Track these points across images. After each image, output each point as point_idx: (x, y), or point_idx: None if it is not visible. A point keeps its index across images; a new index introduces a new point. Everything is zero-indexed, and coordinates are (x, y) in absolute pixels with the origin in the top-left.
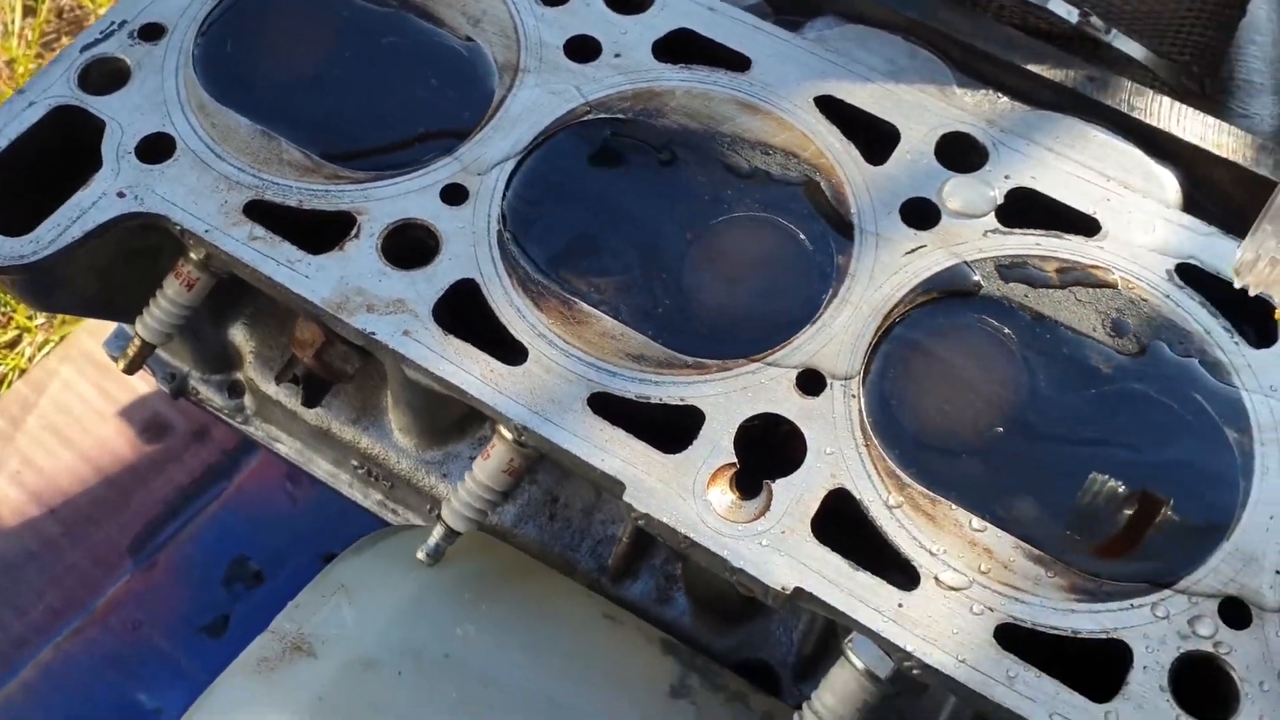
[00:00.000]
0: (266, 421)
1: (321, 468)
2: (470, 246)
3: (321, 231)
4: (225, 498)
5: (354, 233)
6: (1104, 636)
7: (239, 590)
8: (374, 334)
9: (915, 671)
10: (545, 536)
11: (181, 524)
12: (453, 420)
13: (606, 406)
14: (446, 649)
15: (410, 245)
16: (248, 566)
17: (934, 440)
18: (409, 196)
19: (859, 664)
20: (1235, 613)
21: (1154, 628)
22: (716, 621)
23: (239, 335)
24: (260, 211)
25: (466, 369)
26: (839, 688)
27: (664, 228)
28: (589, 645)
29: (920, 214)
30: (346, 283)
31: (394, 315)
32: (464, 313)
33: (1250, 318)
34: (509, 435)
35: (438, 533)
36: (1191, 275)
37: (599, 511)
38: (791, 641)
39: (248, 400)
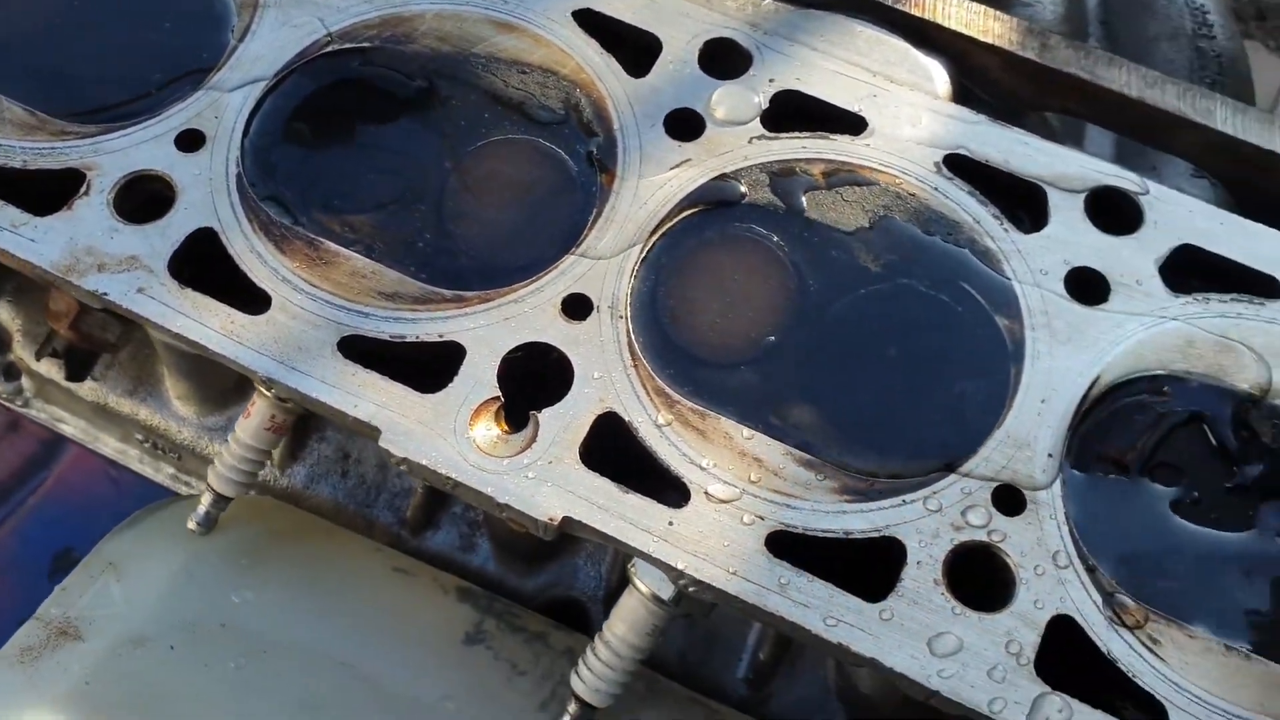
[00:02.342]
0: (48, 403)
1: (109, 445)
2: (208, 194)
3: (51, 191)
4: (45, 489)
5: (83, 190)
6: (877, 535)
7: None
8: (106, 294)
9: (691, 589)
10: (340, 495)
11: (0, 519)
12: (231, 382)
13: (359, 349)
14: (222, 618)
15: (146, 198)
16: (73, 558)
17: (705, 355)
18: (142, 147)
19: (644, 589)
20: (1009, 500)
21: (926, 521)
22: (522, 563)
23: (4, 313)
24: None
25: (205, 323)
26: (627, 614)
27: (419, 158)
28: (377, 601)
29: (685, 125)
30: (76, 243)
31: (127, 273)
32: (205, 264)
33: (1021, 203)
34: (268, 390)
35: (206, 499)
36: (960, 165)
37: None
38: (600, 575)
39: (25, 382)
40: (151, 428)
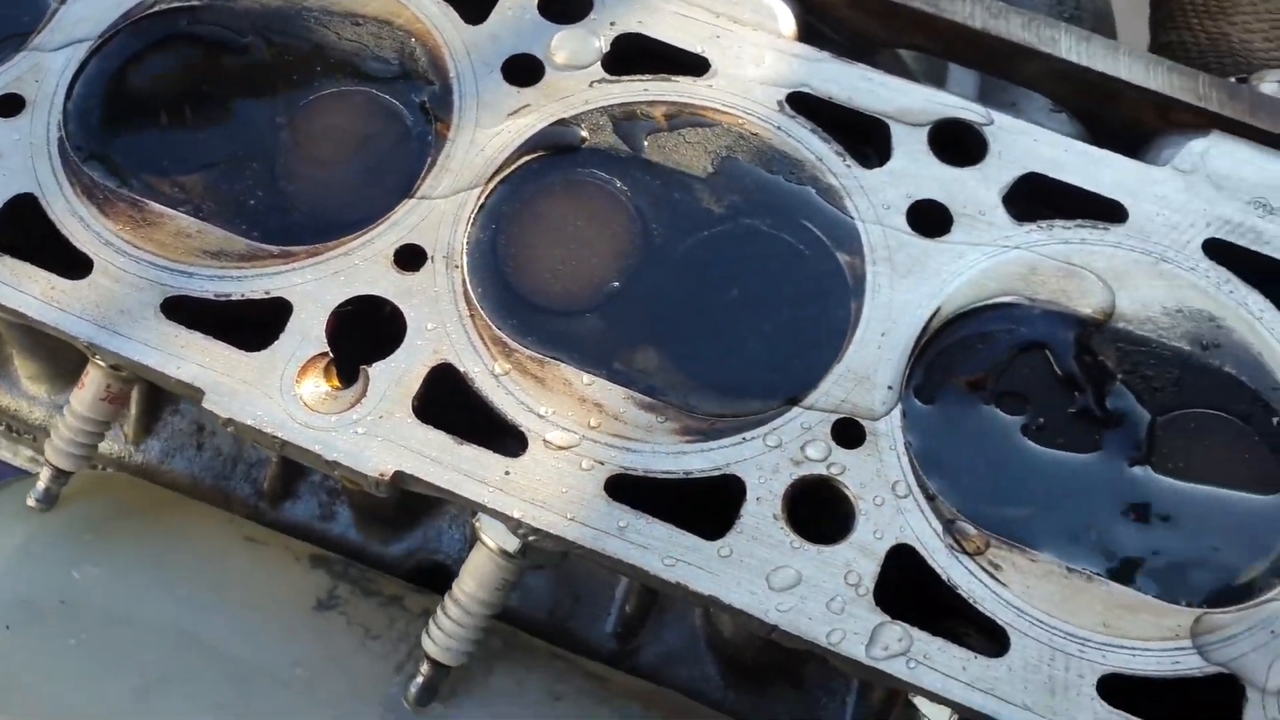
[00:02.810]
0: None
1: None
2: (28, 159)
3: None
4: None
5: None
6: (717, 474)
7: None
8: None
9: (531, 538)
10: (195, 468)
11: None
12: (79, 358)
13: (185, 310)
14: (62, 595)
15: None
16: None
17: (546, 302)
18: None
19: (490, 543)
20: (848, 433)
21: (766, 458)
22: (384, 530)
23: None
24: None
25: (24, 289)
26: (475, 570)
27: (250, 115)
28: (226, 571)
29: (524, 71)
30: None
31: None
32: (25, 231)
33: (866, 139)
34: (93, 357)
35: (45, 475)
36: (804, 103)
37: None
38: (465, 538)
39: None
40: (3, 409)
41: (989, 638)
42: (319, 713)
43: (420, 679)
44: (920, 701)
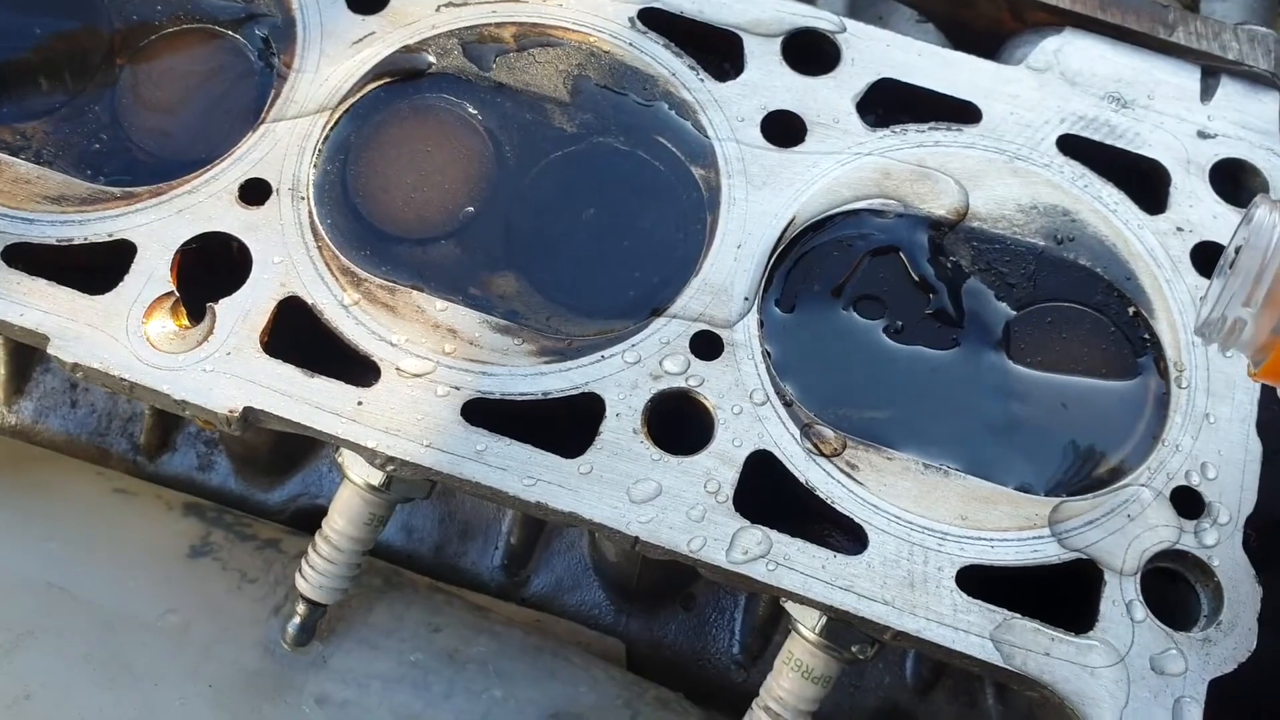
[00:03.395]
0: None
1: None
2: None
3: None
4: None
5: None
6: (576, 393)
7: None
8: None
9: (389, 468)
10: (70, 426)
11: None
12: None
13: (28, 258)
14: None
15: None
16: None
17: (399, 230)
18: None
19: (354, 478)
20: (706, 345)
21: (625, 374)
22: (264, 477)
23: None
24: None
25: None
26: (343, 506)
27: (86, 57)
28: (94, 524)
29: None
30: None
31: None
32: None
33: (720, 53)
34: None
35: None
36: (655, 19)
37: None
38: None
39: None
40: None
41: (850, 537)
42: (194, 657)
43: (296, 619)
44: (790, 606)
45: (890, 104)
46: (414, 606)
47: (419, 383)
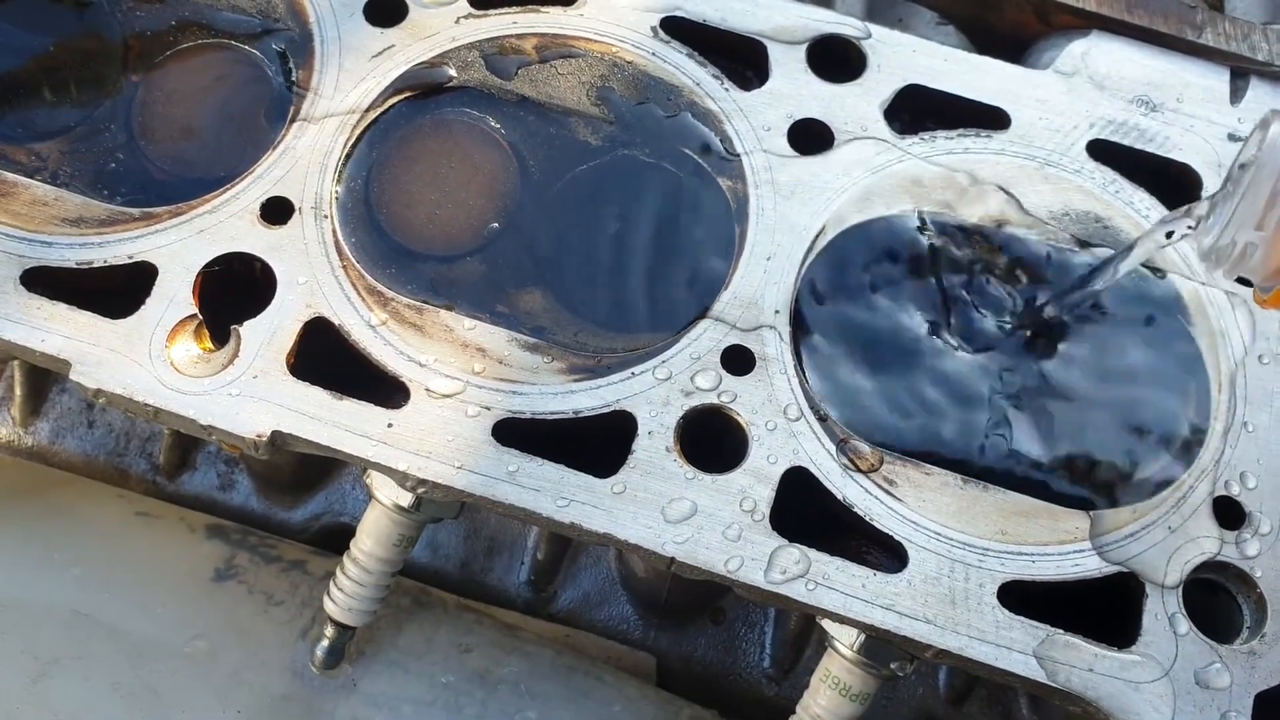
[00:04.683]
0: None
1: None
2: None
3: None
4: None
5: None
6: (608, 410)
7: None
8: None
9: (421, 490)
10: (88, 447)
11: None
12: None
13: (46, 281)
14: None
15: None
16: None
17: (423, 248)
18: None
19: (383, 499)
20: (737, 360)
21: (656, 391)
22: (286, 495)
23: None
24: None
25: None
26: (371, 528)
27: (103, 74)
28: (118, 548)
29: (386, 11)
30: None
31: None
32: None
33: (744, 61)
34: None
35: None
36: (678, 27)
37: None
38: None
39: None
40: None
41: (889, 554)
42: (222, 683)
43: (325, 642)
44: (827, 624)
45: (917, 110)
46: (444, 627)
47: (449, 403)
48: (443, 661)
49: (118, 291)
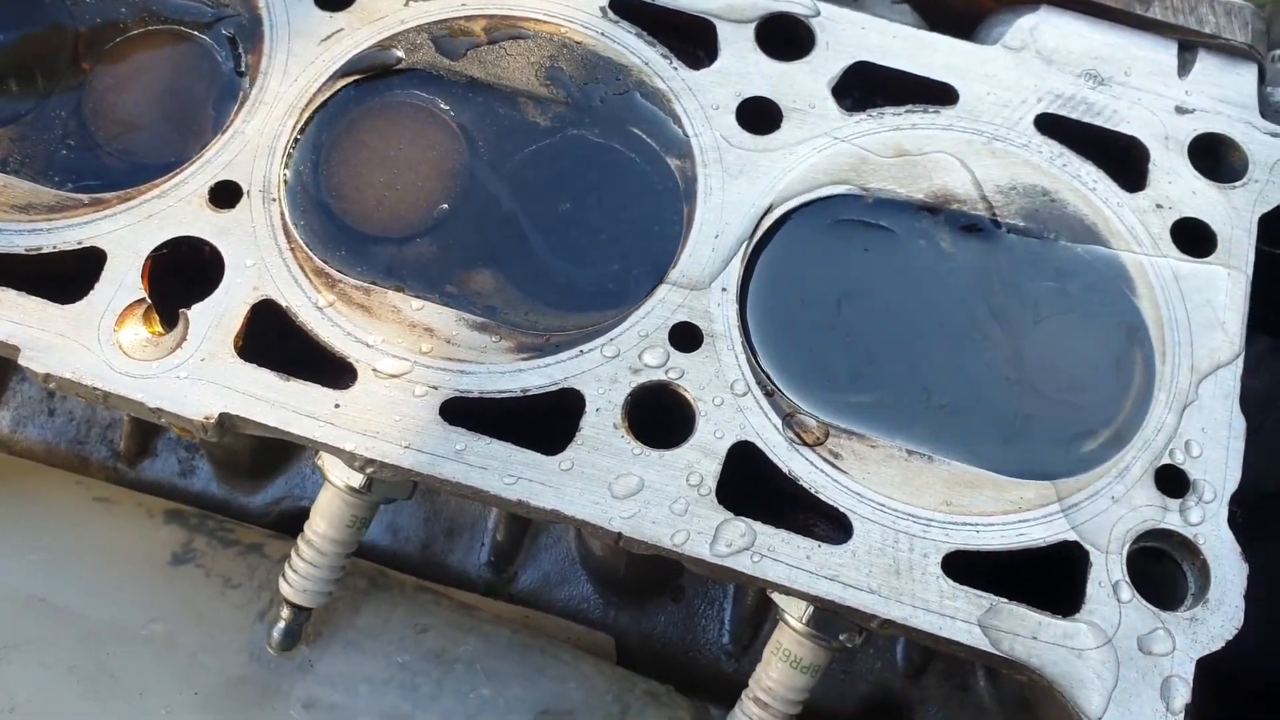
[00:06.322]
0: None
1: None
2: None
3: None
4: None
5: None
6: (556, 389)
7: None
8: None
9: (369, 470)
10: (49, 435)
11: None
12: None
13: None
14: None
15: None
16: None
17: (373, 230)
18: None
19: (335, 480)
20: (685, 337)
21: (605, 369)
22: (246, 480)
23: None
24: None
25: None
26: (324, 509)
27: (50, 62)
28: (75, 534)
29: None
30: None
31: None
32: None
33: (690, 39)
34: None
35: None
36: (627, 7)
37: None
38: None
39: None
40: None
41: (835, 526)
42: (179, 666)
43: (281, 624)
44: (777, 597)
45: (867, 87)
46: (400, 608)
47: (396, 383)
48: (399, 642)
49: (67, 277)
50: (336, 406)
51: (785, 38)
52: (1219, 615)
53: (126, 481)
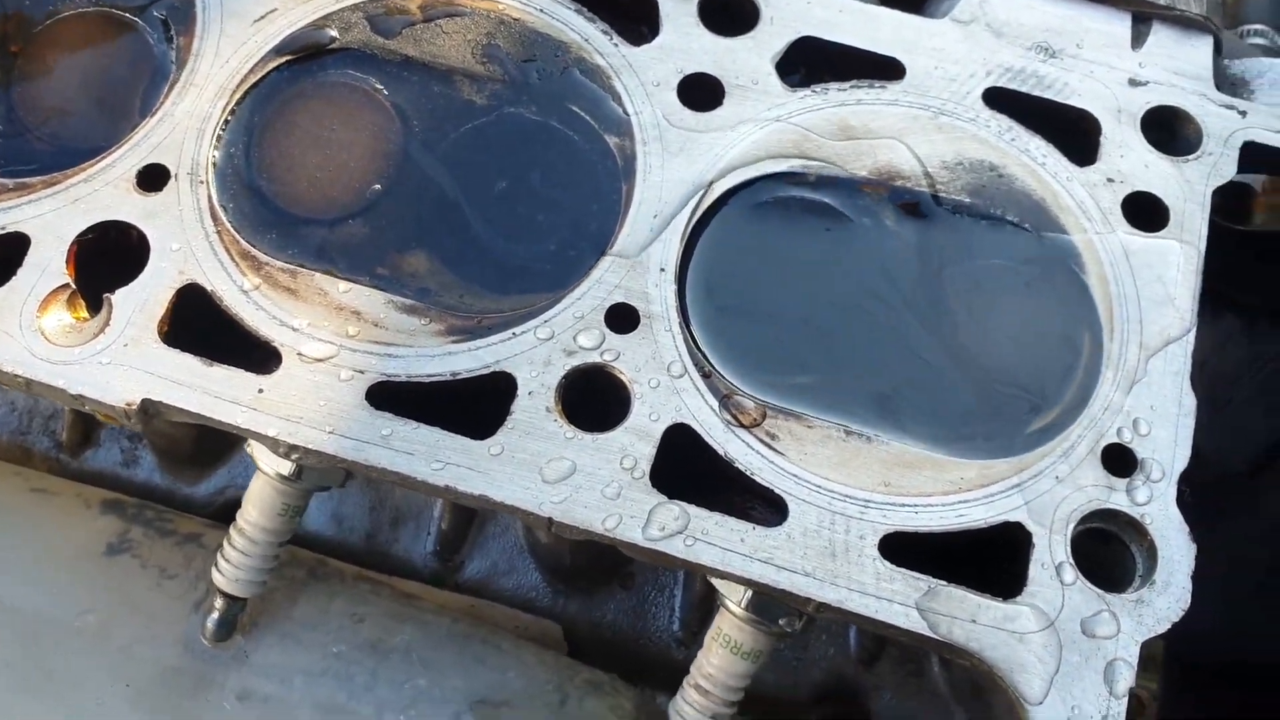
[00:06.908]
0: None
1: None
2: None
3: None
4: None
5: None
6: (487, 372)
7: None
8: None
9: (294, 456)
10: None
11: None
12: None
13: None
14: None
15: None
16: None
17: (302, 211)
18: None
19: (265, 468)
20: (621, 318)
21: (538, 351)
22: (189, 470)
23: None
24: None
25: None
26: (255, 497)
27: None
28: (9, 525)
29: None
30: None
31: None
32: None
33: (631, 14)
34: None
35: None
36: None
37: None
38: None
39: None
40: None
41: (771, 509)
42: (112, 657)
43: (215, 614)
44: (717, 583)
45: (813, 63)
46: (339, 598)
47: (321, 367)
48: (336, 631)
49: None
50: (260, 392)
51: (729, 13)
52: (1165, 597)
53: (69, 472)
